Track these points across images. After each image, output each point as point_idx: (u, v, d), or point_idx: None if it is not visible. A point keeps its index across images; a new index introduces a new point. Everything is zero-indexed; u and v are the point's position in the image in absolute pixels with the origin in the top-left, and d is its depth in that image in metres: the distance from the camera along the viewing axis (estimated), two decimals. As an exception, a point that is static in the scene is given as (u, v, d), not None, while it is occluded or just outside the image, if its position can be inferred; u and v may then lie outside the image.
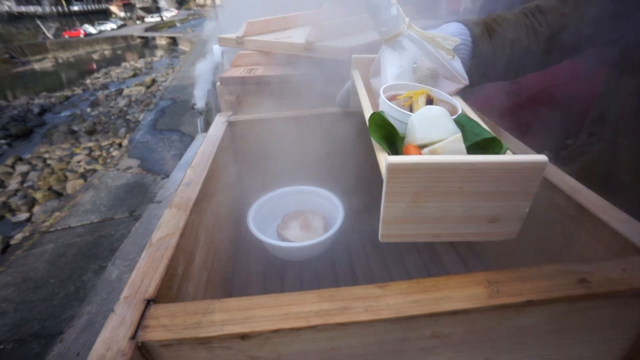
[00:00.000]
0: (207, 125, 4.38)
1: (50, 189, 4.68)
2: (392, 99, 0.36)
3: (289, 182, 0.61)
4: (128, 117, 6.99)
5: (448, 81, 0.41)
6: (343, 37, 0.78)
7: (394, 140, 0.31)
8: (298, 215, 0.56)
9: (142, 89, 8.64)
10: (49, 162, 5.36)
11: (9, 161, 5.27)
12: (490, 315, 0.25)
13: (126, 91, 8.50)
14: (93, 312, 0.71)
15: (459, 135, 0.28)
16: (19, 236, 3.66)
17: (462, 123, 0.32)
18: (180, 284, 0.32)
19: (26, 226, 3.91)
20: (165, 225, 0.34)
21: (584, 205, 0.34)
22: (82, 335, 0.67)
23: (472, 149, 0.29)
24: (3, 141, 5.98)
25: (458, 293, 0.25)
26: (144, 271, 0.29)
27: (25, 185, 4.76)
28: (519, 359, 0.28)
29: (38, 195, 4.49)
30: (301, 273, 0.52)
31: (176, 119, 6.60)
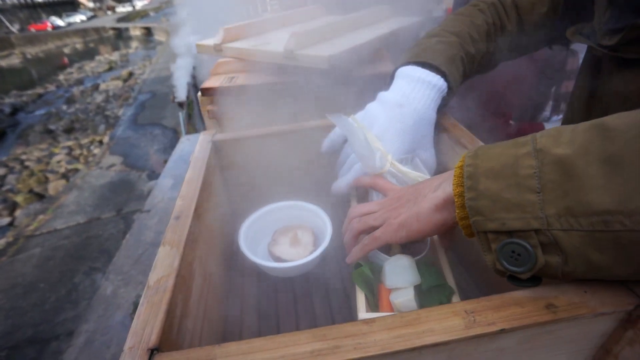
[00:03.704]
0: (188, 118, 4.30)
1: (31, 191, 4.56)
2: None
3: (278, 198, 0.62)
4: (107, 112, 6.80)
5: None
6: (324, 42, 0.77)
7: (371, 285, 0.41)
8: (287, 231, 0.58)
9: (120, 82, 8.39)
10: (27, 163, 5.20)
11: (-18, 165, 5.09)
12: (467, 343, 0.27)
13: (103, 86, 8.23)
14: (91, 330, 0.72)
15: (412, 295, 0.37)
16: (2, 242, 3.58)
17: (422, 269, 0.40)
18: (180, 323, 0.34)
19: (9, 231, 3.82)
20: (161, 266, 0.36)
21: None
22: (82, 354, 0.69)
23: (427, 290, 0.39)
24: (-26, 145, 5.76)
25: (438, 325, 0.27)
26: (145, 318, 0.30)
27: (3, 188, 4.62)
28: (496, 374, 0.31)
29: (19, 199, 4.38)
30: (294, 289, 0.54)
31: (157, 112, 6.46)
